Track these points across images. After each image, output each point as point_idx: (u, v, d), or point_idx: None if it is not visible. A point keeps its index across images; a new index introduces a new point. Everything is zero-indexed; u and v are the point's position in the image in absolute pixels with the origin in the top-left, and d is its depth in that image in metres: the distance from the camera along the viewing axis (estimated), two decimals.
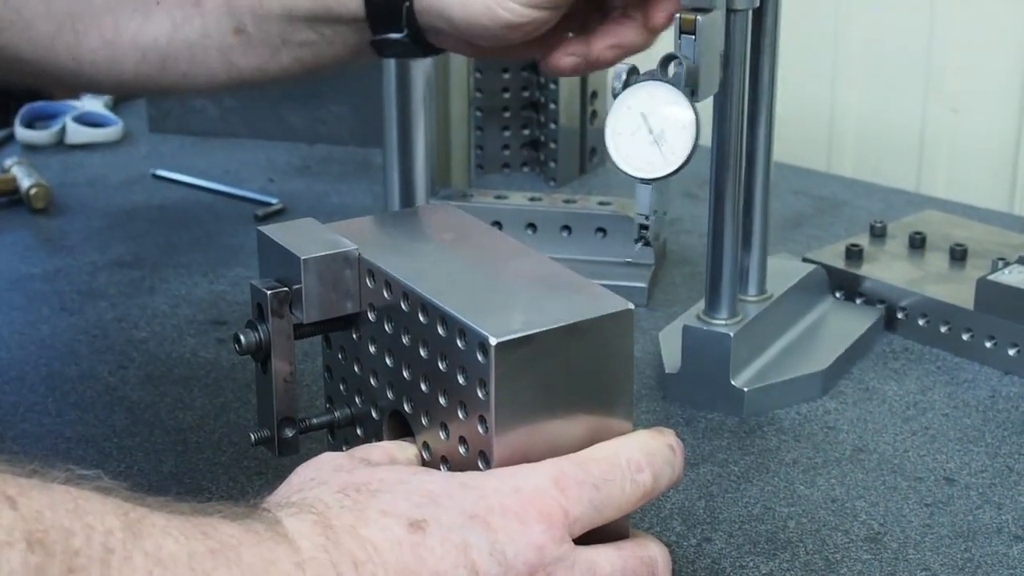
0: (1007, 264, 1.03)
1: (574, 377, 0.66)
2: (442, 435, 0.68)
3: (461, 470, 0.67)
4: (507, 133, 1.38)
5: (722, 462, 0.89)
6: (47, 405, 0.96)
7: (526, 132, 1.38)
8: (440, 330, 0.66)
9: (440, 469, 0.68)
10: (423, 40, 0.87)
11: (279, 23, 0.87)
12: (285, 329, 0.71)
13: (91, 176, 1.40)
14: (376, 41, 0.88)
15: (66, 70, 0.89)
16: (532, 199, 1.18)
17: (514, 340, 0.64)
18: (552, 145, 1.35)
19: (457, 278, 0.70)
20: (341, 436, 0.77)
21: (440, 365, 0.67)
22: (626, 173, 0.82)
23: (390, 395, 0.71)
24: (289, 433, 0.73)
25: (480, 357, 0.64)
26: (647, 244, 0.84)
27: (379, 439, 0.73)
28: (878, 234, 1.14)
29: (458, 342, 0.65)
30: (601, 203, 1.17)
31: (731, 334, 0.93)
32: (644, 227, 0.83)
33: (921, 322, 1.04)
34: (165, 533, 0.54)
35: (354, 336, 0.73)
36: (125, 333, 1.06)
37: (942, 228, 1.15)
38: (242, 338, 0.71)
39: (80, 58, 0.88)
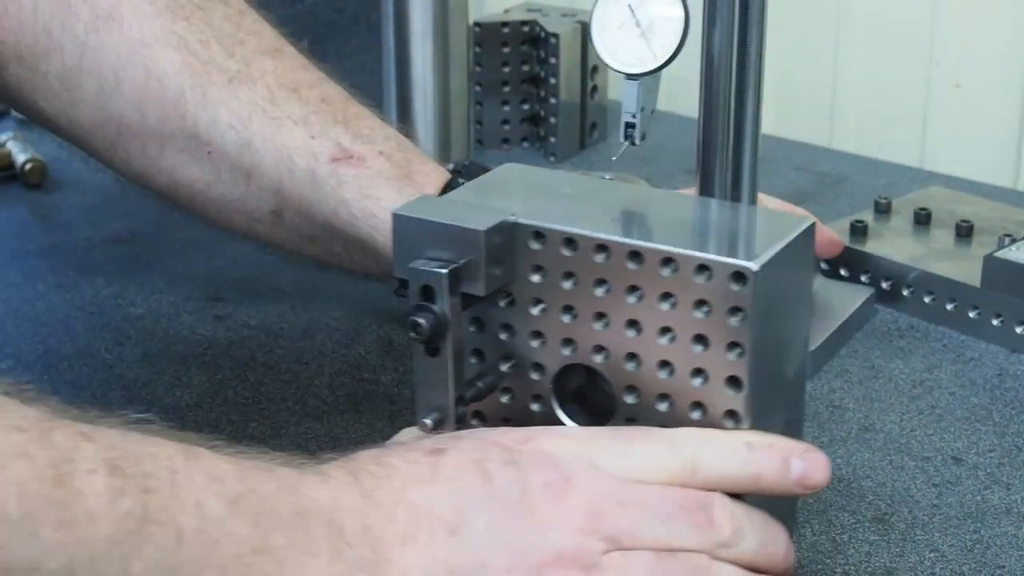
0: (1014, 241, 1.02)
1: (792, 297, 0.67)
2: (662, 375, 0.67)
3: (690, 403, 0.67)
4: (507, 108, 1.36)
5: None
6: (43, 383, 0.94)
7: (526, 107, 1.37)
8: (664, 272, 0.65)
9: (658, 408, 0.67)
10: None
11: (316, 227, 0.86)
12: (457, 308, 0.68)
13: None
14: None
15: (102, 154, 0.89)
16: None
17: (768, 263, 0.64)
18: (552, 120, 1.34)
19: (643, 221, 0.69)
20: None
21: (661, 307, 0.65)
22: (612, 68, 0.81)
23: (566, 352, 0.69)
24: (461, 409, 0.70)
25: (735, 287, 0.63)
26: (633, 143, 0.83)
27: (542, 402, 0.71)
28: (883, 210, 1.13)
29: (696, 279, 0.64)
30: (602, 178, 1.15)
31: None
32: (630, 125, 0.82)
33: (927, 299, 1.03)
34: (214, 456, 0.62)
35: (500, 304, 0.70)
36: (122, 310, 1.05)
37: (947, 204, 1.14)
38: (422, 323, 0.67)
39: (115, 152, 0.88)
